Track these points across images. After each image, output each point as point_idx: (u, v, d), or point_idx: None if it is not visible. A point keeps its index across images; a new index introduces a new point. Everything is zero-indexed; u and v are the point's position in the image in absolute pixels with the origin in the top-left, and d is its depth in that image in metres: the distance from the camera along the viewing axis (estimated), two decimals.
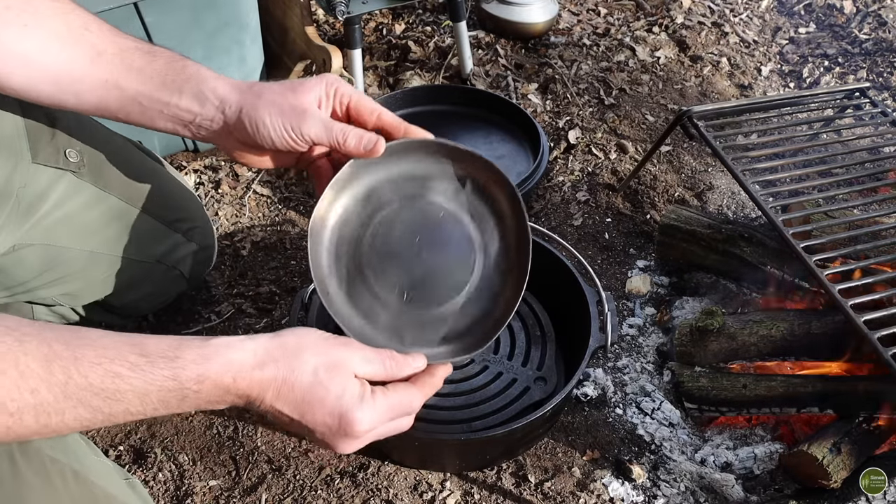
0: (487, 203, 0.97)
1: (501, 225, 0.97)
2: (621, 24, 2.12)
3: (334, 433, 0.71)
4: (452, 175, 0.97)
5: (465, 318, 0.92)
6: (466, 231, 0.96)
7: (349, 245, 0.92)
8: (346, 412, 0.70)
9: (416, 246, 0.94)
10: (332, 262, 0.91)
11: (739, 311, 1.36)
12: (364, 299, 0.90)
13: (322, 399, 0.69)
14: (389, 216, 0.94)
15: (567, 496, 1.14)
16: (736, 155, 1.28)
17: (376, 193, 0.93)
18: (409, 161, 0.94)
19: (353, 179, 0.91)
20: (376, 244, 0.93)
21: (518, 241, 0.95)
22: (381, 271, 0.92)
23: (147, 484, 1.14)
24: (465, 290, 0.94)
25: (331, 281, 0.90)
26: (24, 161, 0.91)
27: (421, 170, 0.95)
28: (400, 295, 0.92)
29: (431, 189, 0.95)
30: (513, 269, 0.94)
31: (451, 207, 0.97)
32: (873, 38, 2.11)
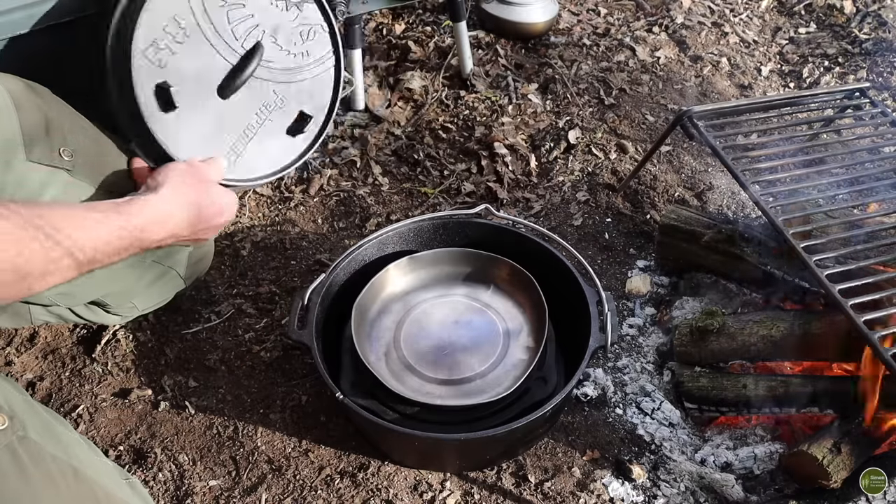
0: (511, 298, 1.22)
1: (524, 314, 1.20)
2: (621, 24, 2.12)
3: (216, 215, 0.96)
4: (479, 278, 1.24)
5: (489, 385, 1.12)
6: (492, 321, 1.19)
7: (386, 331, 1.18)
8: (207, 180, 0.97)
9: (447, 332, 1.17)
10: (371, 342, 1.16)
11: (739, 311, 1.36)
12: (398, 367, 1.13)
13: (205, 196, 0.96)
14: (424, 310, 1.20)
15: (567, 496, 1.14)
16: (736, 155, 1.28)
17: (413, 292, 1.23)
18: (443, 267, 1.24)
19: (393, 280, 1.22)
20: (412, 329, 1.17)
21: (539, 322, 1.16)
22: (415, 350, 1.14)
23: (147, 484, 1.14)
24: (489, 364, 1.14)
25: (370, 353, 1.15)
26: (18, 159, 0.91)
27: (451, 275, 1.24)
28: (432, 369, 1.12)
29: (461, 292, 1.23)
30: (532, 345, 1.16)
31: (478, 304, 1.21)
32: (873, 38, 2.10)
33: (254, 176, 1.03)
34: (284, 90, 0.98)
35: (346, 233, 1.57)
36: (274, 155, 1.03)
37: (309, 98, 1.04)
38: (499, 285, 1.23)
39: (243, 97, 0.96)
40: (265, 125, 0.97)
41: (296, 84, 1.00)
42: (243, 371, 1.30)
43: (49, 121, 0.96)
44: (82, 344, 1.33)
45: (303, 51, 1.00)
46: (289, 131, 0.99)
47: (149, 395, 1.26)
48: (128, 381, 1.29)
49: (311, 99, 1.04)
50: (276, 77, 0.97)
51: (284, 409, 1.24)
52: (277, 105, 0.98)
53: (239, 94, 0.96)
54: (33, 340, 1.33)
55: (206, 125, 0.96)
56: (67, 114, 1.02)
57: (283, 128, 1.00)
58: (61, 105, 1.02)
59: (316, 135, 1.06)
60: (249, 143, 0.97)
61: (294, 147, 1.05)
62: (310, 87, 1.03)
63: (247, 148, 0.98)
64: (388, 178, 1.67)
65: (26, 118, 0.93)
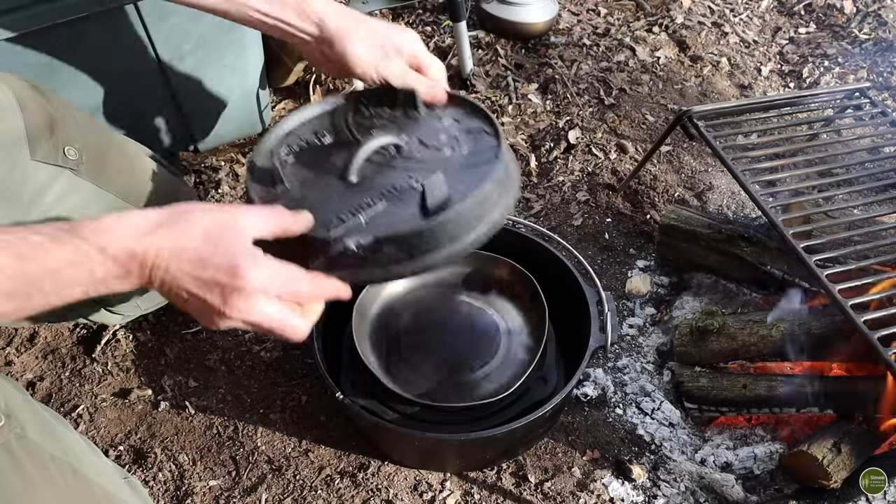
0: (511, 298, 1.21)
1: (524, 314, 1.20)
2: (621, 24, 2.12)
3: (224, 288, 0.69)
4: (479, 278, 1.23)
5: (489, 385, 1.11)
6: (492, 320, 1.19)
7: (386, 330, 1.17)
8: (237, 264, 0.69)
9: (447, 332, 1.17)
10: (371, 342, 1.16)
11: (739, 311, 1.36)
12: (399, 368, 1.13)
13: (213, 253, 0.69)
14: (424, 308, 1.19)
15: (567, 496, 1.14)
16: (736, 155, 1.28)
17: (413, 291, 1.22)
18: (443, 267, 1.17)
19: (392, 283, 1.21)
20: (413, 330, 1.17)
21: (539, 322, 1.15)
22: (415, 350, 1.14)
23: (147, 484, 1.14)
24: (489, 363, 1.13)
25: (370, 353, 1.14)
26: (23, 158, 0.92)
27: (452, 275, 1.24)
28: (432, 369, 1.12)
29: (461, 292, 1.22)
30: (532, 345, 1.15)
31: (478, 304, 1.21)
32: (873, 38, 2.11)
33: None
34: (423, 175, 0.89)
35: None
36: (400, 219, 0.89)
37: (457, 183, 0.90)
38: (499, 285, 1.23)
39: (368, 180, 0.90)
40: (393, 202, 0.90)
41: (443, 173, 0.89)
42: (243, 371, 1.30)
43: (53, 120, 0.96)
44: (82, 344, 1.33)
45: (457, 147, 0.94)
46: (421, 206, 0.86)
47: (149, 395, 1.26)
48: (128, 381, 1.29)
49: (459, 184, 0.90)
50: (416, 167, 0.93)
51: (284, 409, 1.24)
52: (412, 187, 0.88)
53: (365, 178, 0.90)
54: (33, 340, 1.33)
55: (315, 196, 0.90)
56: (72, 113, 1.02)
57: (415, 205, 0.87)
58: (65, 104, 1.02)
59: None
60: (364, 214, 0.86)
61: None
62: (458, 174, 0.91)
63: (360, 217, 0.85)
64: None
65: (31, 117, 0.93)
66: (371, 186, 0.88)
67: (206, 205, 0.73)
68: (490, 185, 0.85)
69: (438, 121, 0.98)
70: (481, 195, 0.84)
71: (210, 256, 0.69)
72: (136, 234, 0.68)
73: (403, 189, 0.87)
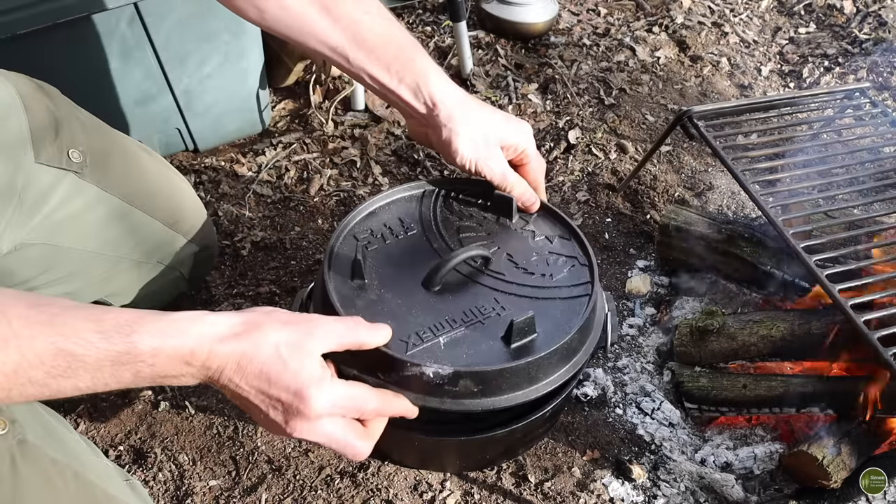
0: None
1: None
2: (621, 24, 2.12)
3: (287, 409, 0.70)
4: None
5: None
6: None
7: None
8: (302, 388, 0.69)
9: None
10: None
11: (739, 311, 1.36)
12: None
13: (280, 373, 0.69)
14: None
15: (567, 496, 1.14)
16: (736, 155, 1.28)
17: None
18: None
19: None
20: None
21: None
22: None
23: (147, 484, 1.14)
24: None
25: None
26: (27, 161, 0.91)
27: None
28: None
29: None
30: None
31: None
32: (873, 38, 2.11)
33: None
34: (508, 301, 0.88)
35: None
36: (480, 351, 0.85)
37: (545, 320, 0.87)
38: None
39: (452, 292, 0.87)
40: (475, 328, 0.84)
41: (528, 301, 0.88)
42: None
43: (58, 121, 0.96)
44: None
45: (547, 273, 0.91)
46: (503, 339, 0.83)
47: (149, 395, 1.26)
48: None
49: (546, 321, 0.87)
50: (503, 288, 0.89)
51: None
52: (496, 312, 0.86)
53: (447, 289, 0.88)
54: None
55: (394, 299, 0.88)
56: (76, 114, 1.02)
57: (497, 335, 0.84)
58: (70, 105, 1.02)
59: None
60: (444, 336, 0.83)
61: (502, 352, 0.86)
62: (545, 308, 0.88)
63: (439, 339, 0.83)
64: (388, 178, 1.67)
65: (35, 118, 0.93)
66: (453, 302, 0.86)
67: (283, 315, 0.73)
68: (578, 331, 0.83)
69: (532, 237, 0.95)
70: (568, 341, 0.82)
71: (277, 376, 0.69)
72: (203, 338, 0.67)
73: (487, 313, 0.85)
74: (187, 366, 0.67)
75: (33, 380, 0.61)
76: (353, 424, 0.74)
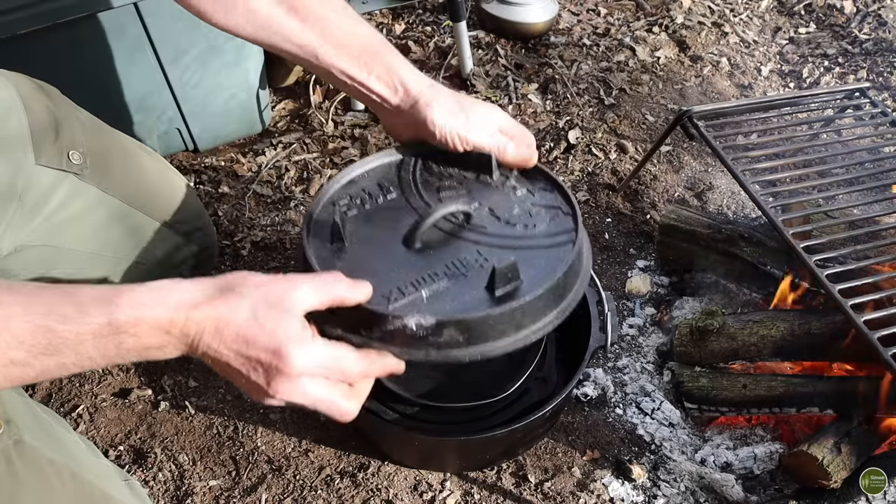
0: None
1: None
2: (621, 24, 2.12)
3: (268, 370, 0.68)
4: None
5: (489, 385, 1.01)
6: None
7: None
8: (280, 346, 0.68)
9: None
10: None
11: (739, 311, 1.36)
12: None
13: (257, 334, 0.68)
14: None
15: (567, 496, 1.14)
16: (736, 155, 1.28)
17: None
18: None
19: None
20: None
21: None
22: None
23: (147, 484, 1.14)
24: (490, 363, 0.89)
25: None
26: (27, 162, 0.91)
27: None
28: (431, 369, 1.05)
29: None
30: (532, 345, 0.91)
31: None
32: (873, 38, 2.11)
33: None
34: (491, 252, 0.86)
35: None
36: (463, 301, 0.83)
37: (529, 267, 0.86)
38: None
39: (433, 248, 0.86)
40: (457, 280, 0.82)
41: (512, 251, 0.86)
42: None
43: (58, 122, 0.96)
44: None
45: (530, 223, 0.90)
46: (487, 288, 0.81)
47: (149, 395, 1.26)
48: (128, 381, 1.29)
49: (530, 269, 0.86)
50: (485, 241, 0.87)
51: (284, 409, 1.24)
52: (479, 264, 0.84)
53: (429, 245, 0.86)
54: None
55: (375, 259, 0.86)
56: (76, 115, 1.02)
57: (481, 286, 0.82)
58: (70, 105, 1.02)
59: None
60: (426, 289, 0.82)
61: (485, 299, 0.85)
62: (529, 257, 0.87)
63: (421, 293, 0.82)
64: None
65: (35, 119, 0.93)
66: (435, 257, 0.84)
67: (259, 277, 0.72)
68: (563, 275, 0.82)
69: (513, 191, 0.94)
70: (553, 285, 0.81)
71: (255, 336, 0.68)
72: (180, 306, 0.66)
73: (470, 265, 0.84)
74: (167, 335, 0.66)
75: (15, 360, 0.61)
76: (338, 384, 0.73)
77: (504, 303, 0.79)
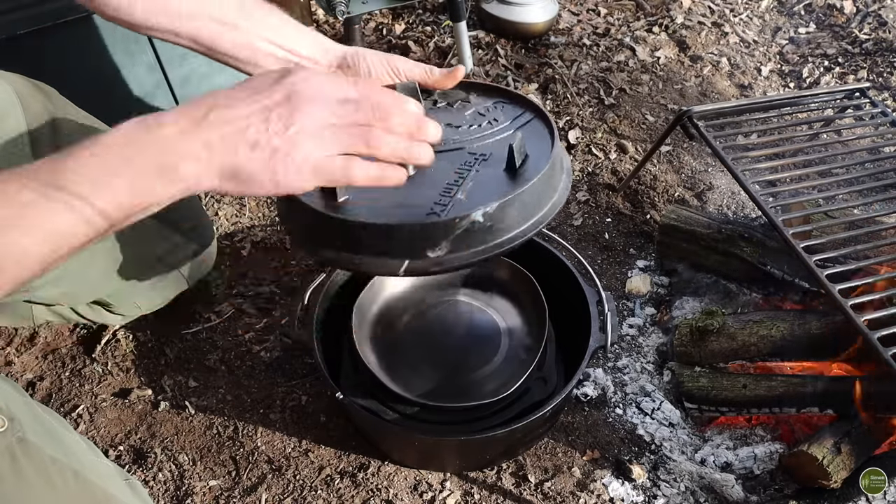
0: (511, 298, 1.20)
1: (524, 314, 1.18)
2: (621, 24, 2.12)
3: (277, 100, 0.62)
4: (479, 279, 1.21)
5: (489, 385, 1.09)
6: (492, 320, 1.17)
7: (387, 330, 1.15)
8: (286, 69, 0.65)
9: (447, 332, 1.16)
10: (371, 342, 1.13)
11: (739, 311, 1.36)
12: (399, 368, 1.10)
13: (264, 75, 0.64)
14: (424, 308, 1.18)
15: (567, 496, 1.14)
16: (736, 155, 1.28)
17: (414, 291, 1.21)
18: None
19: (393, 280, 1.19)
20: (412, 330, 1.16)
21: (539, 322, 1.14)
22: (415, 350, 1.13)
23: (147, 484, 1.14)
24: (489, 363, 1.12)
25: (370, 353, 1.12)
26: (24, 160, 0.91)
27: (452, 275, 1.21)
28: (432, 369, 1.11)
29: (461, 292, 1.21)
30: (532, 345, 1.13)
31: (478, 304, 1.20)
32: (873, 38, 2.11)
33: None
34: (484, 148, 0.90)
35: None
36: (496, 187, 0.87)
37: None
38: (499, 285, 1.23)
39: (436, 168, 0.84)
40: (474, 174, 0.86)
41: (496, 140, 0.92)
42: (243, 371, 1.30)
43: (55, 121, 0.96)
44: (82, 344, 1.33)
45: (492, 119, 0.95)
46: (507, 170, 0.86)
47: (149, 395, 1.26)
48: (128, 381, 1.29)
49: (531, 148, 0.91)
50: (476, 144, 0.91)
51: (284, 409, 1.24)
52: (480, 161, 0.88)
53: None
54: (33, 340, 1.33)
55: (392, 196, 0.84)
56: (73, 114, 1.02)
57: (500, 171, 0.87)
58: (67, 105, 1.02)
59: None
60: (459, 192, 0.84)
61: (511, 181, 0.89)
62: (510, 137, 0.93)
63: (457, 196, 0.84)
64: None
65: (32, 118, 0.93)
66: (438, 172, 0.86)
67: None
68: (555, 146, 0.86)
69: (466, 106, 0.98)
70: (556, 153, 0.85)
71: (261, 77, 0.64)
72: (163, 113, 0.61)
73: (472, 163, 0.87)
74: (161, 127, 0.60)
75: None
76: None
77: (530, 175, 0.82)
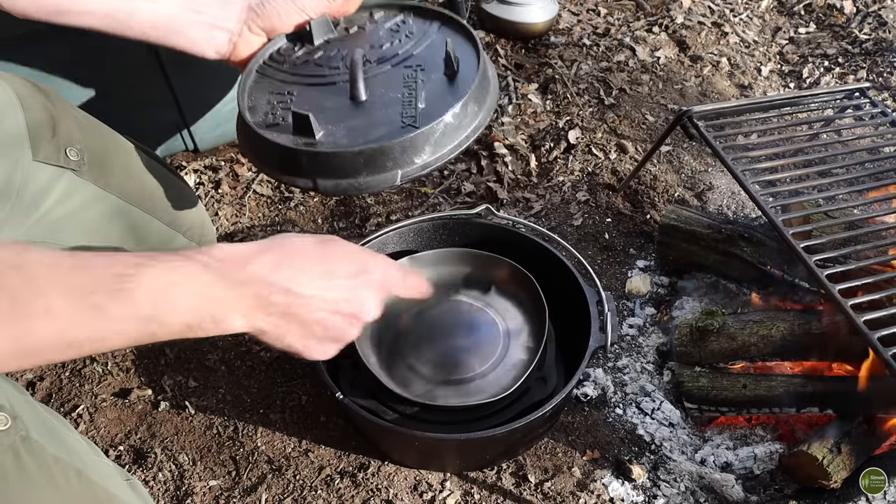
0: (511, 298, 1.20)
1: (524, 314, 1.19)
2: (621, 24, 2.12)
3: (357, 276, 0.72)
4: (479, 279, 1.22)
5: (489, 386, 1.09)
6: (492, 321, 1.18)
7: (386, 330, 1.15)
8: (361, 250, 0.75)
9: (447, 332, 1.16)
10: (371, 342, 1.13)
11: (739, 311, 1.36)
12: (399, 368, 1.11)
13: (333, 251, 0.72)
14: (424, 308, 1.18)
15: (567, 496, 1.14)
16: (736, 155, 1.28)
17: None
18: (443, 267, 1.22)
19: None
20: (413, 330, 1.16)
21: (539, 322, 1.14)
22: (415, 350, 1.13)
23: (147, 484, 1.14)
24: (489, 363, 1.12)
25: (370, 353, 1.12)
26: (24, 158, 0.92)
27: (452, 275, 1.23)
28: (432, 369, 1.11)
29: (461, 292, 1.21)
30: (532, 345, 1.14)
31: (478, 304, 1.20)
32: (873, 38, 2.11)
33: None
34: (415, 59, 0.99)
35: (346, 233, 1.57)
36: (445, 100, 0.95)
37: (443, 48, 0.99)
38: (499, 285, 1.23)
39: (380, 88, 0.95)
40: (420, 88, 0.95)
41: (422, 51, 1.00)
42: (243, 371, 1.30)
43: (55, 120, 0.96)
44: None
45: (407, 32, 1.03)
46: (446, 75, 0.95)
47: (149, 395, 1.26)
48: (128, 381, 1.29)
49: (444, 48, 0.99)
50: (404, 61, 0.99)
51: (284, 409, 1.25)
52: (419, 72, 0.97)
53: (373, 89, 0.95)
54: None
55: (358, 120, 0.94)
56: (73, 113, 1.02)
57: (441, 78, 0.96)
58: (67, 105, 1.03)
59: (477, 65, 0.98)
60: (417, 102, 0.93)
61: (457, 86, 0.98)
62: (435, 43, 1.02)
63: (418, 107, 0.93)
64: None
65: (32, 117, 0.93)
66: (388, 93, 0.93)
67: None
68: (479, 42, 0.96)
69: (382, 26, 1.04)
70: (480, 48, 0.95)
71: (332, 253, 0.72)
72: (244, 256, 0.66)
73: (413, 76, 0.94)
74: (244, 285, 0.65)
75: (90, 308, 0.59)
76: None
77: (468, 72, 0.93)
